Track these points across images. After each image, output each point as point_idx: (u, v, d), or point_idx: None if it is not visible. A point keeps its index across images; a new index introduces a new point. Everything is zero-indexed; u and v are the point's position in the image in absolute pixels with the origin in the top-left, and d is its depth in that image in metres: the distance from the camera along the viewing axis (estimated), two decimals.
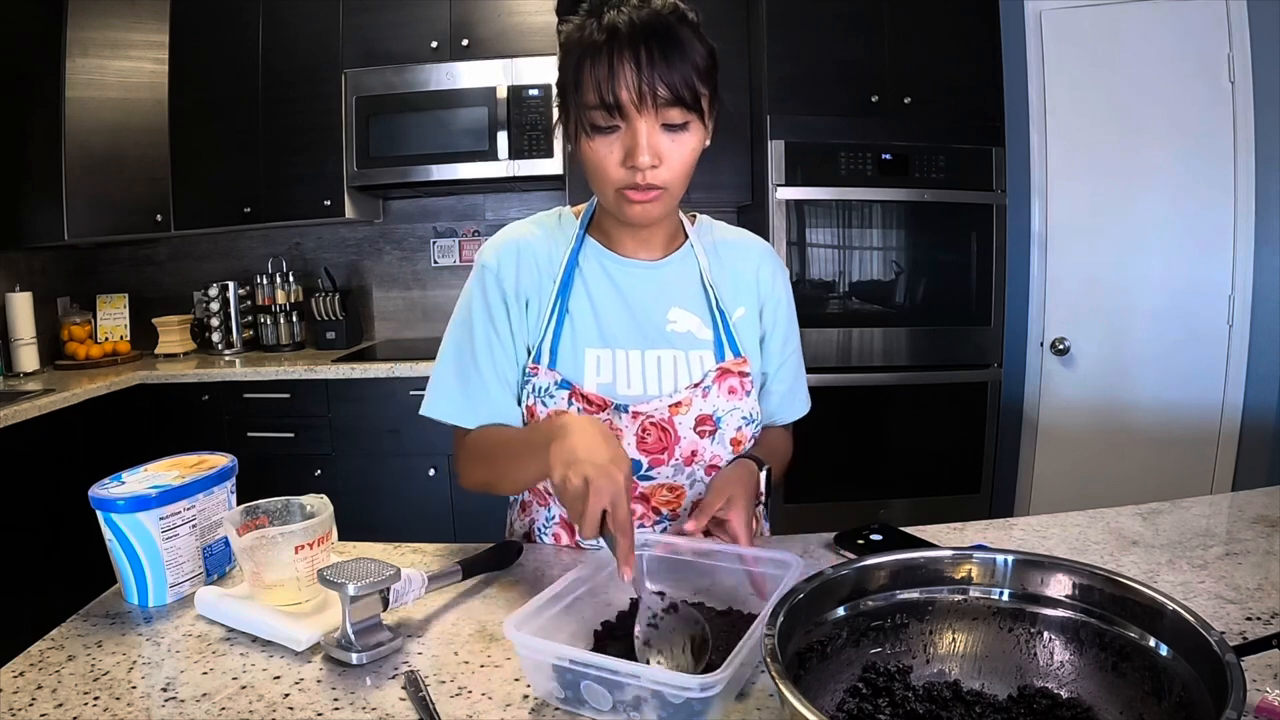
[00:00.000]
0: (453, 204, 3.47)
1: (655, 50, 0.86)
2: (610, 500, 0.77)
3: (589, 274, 1.06)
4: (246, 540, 0.86)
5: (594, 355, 1.03)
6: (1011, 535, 1.07)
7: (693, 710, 0.63)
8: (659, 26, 0.87)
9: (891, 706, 0.61)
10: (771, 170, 2.71)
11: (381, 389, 2.83)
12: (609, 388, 1.02)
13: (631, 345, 1.04)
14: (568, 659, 0.66)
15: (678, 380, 1.04)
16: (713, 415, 1.03)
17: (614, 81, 0.87)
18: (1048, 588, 0.65)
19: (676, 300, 1.07)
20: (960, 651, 0.66)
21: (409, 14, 2.97)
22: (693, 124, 0.92)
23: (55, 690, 0.75)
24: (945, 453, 2.90)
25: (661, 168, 0.91)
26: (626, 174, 0.92)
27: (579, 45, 0.89)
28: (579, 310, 1.04)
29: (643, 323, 1.05)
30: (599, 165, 0.93)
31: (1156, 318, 2.87)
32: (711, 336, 1.06)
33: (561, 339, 1.03)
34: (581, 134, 0.92)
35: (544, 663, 0.68)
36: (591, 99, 0.88)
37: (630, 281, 1.06)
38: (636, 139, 0.89)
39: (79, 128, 2.92)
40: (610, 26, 0.87)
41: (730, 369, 1.05)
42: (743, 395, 1.05)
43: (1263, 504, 1.14)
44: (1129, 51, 2.81)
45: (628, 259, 1.06)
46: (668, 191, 0.94)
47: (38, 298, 3.01)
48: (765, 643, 0.53)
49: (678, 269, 1.08)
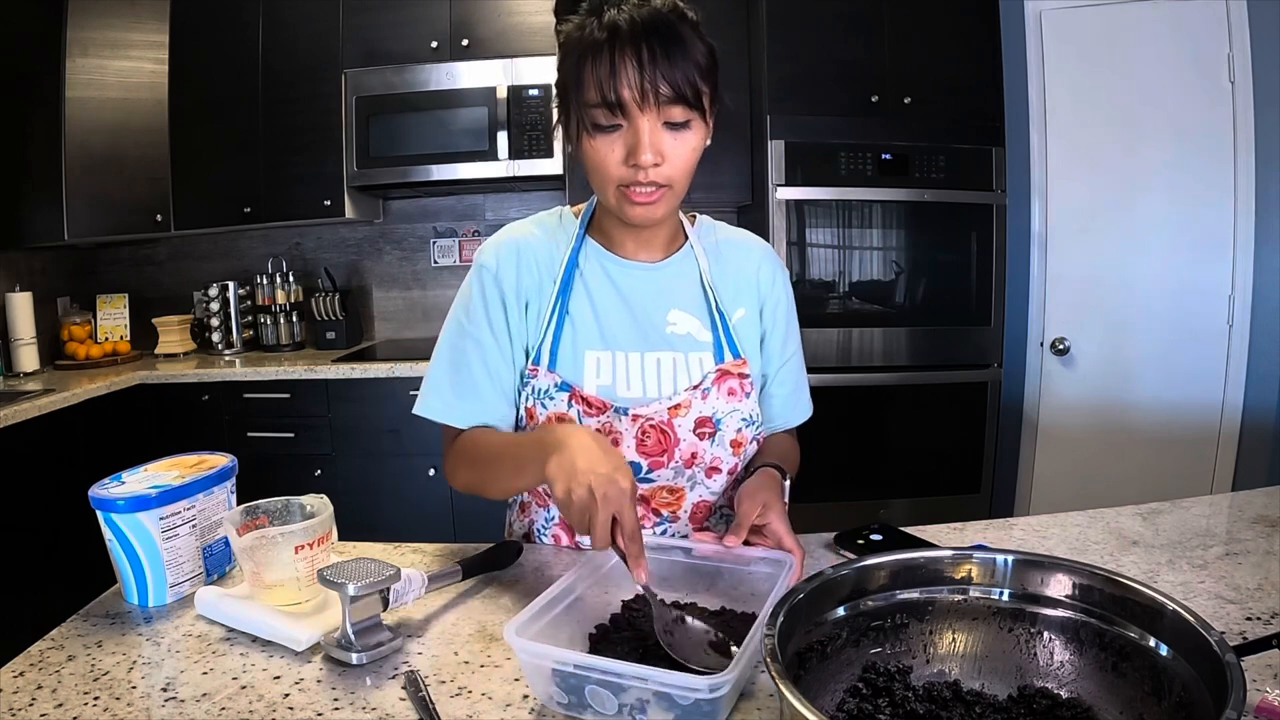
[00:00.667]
0: (453, 204, 3.47)
1: (657, 48, 0.86)
2: (617, 508, 0.77)
3: (589, 275, 1.05)
4: (246, 540, 0.86)
5: (594, 357, 1.03)
6: (1011, 535, 1.07)
7: (702, 711, 0.63)
8: (660, 24, 0.87)
9: (892, 707, 0.61)
10: (771, 170, 2.71)
11: (381, 389, 2.83)
12: (609, 390, 1.02)
13: (631, 347, 1.04)
14: (571, 663, 0.66)
15: (677, 382, 1.03)
16: (712, 417, 1.03)
17: (616, 79, 0.87)
18: (1048, 588, 0.65)
19: (676, 302, 1.06)
20: (960, 652, 0.66)
21: (409, 14, 2.97)
22: (694, 122, 0.92)
23: (55, 690, 0.75)
24: (945, 453, 2.90)
25: (664, 166, 0.91)
26: (628, 172, 0.91)
27: (580, 44, 0.89)
28: (579, 312, 1.04)
29: (643, 325, 1.04)
30: (600, 164, 0.92)
31: (1156, 318, 2.87)
32: (711, 338, 1.06)
33: (561, 341, 1.03)
34: (583, 133, 0.92)
35: (546, 668, 0.68)
36: (593, 97, 0.88)
37: (630, 283, 1.05)
38: (639, 137, 0.89)
39: (79, 128, 2.92)
40: (611, 25, 0.87)
41: (730, 370, 1.05)
42: (742, 397, 1.05)
43: (1263, 504, 1.14)
44: (1129, 51, 2.81)
45: (628, 260, 1.06)
46: (670, 190, 0.94)
47: (38, 298, 3.01)
48: (765, 643, 0.53)
49: (678, 270, 1.08)
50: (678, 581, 0.88)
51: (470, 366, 1.03)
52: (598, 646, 0.77)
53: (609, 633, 0.79)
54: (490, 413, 1.03)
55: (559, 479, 0.79)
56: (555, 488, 0.79)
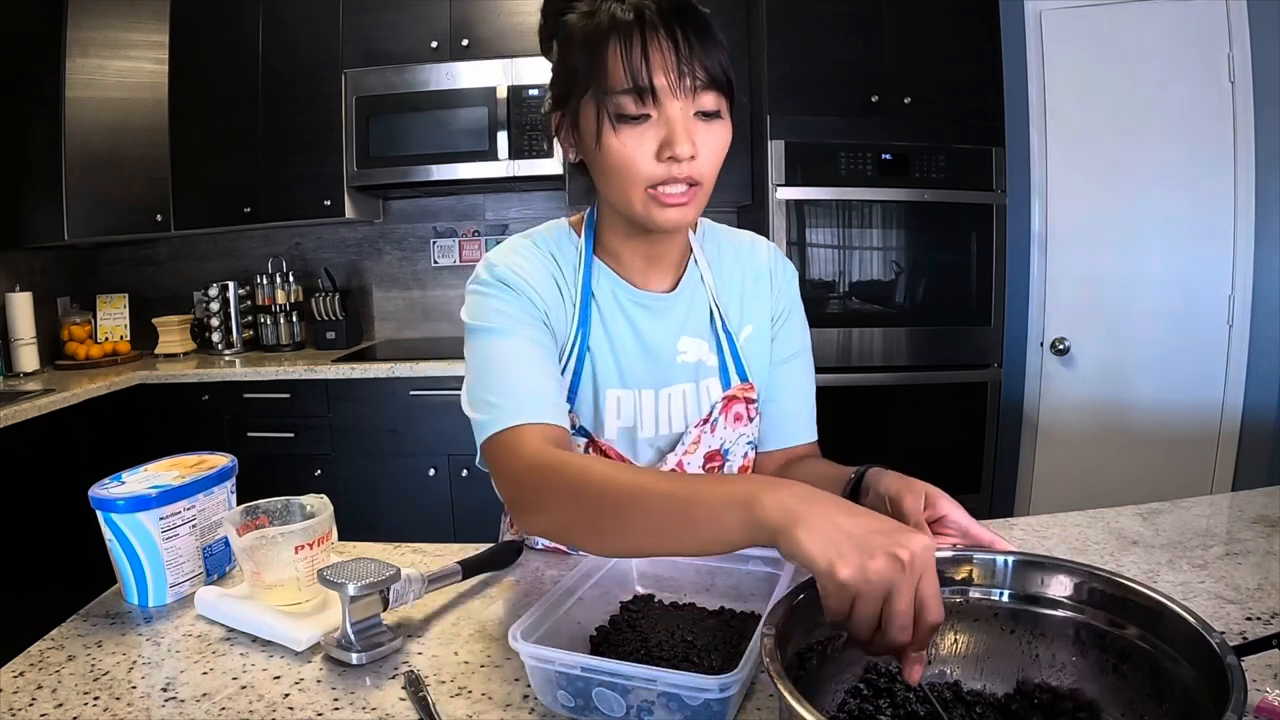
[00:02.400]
0: (453, 204, 3.47)
1: (690, 30, 0.80)
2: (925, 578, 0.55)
3: (605, 308, 0.97)
4: (246, 540, 0.86)
5: (615, 396, 0.97)
6: (1011, 535, 1.07)
7: (711, 711, 0.63)
8: (688, 7, 0.82)
9: (893, 708, 0.61)
10: (771, 170, 2.71)
11: (381, 389, 2.83)
12: (629, 433, 0.97)
13: (646, 384, 0.98)
14: (579, 666, 0.65)
15: (688, 417, 0.99)
16: (721, 449, 1.00)
17: (649, 62, 0.79)
18: (1049, 589, 0.65)
19: (686, 329, 1.00)
20: (961, 652, 0.66)
21: (409, 14, 2.97)
22: (724, 113, 0.85)
23: (55, 690, 0.75)
24: (945, 453, 2.90)
25: (698, 160, 0.83)
26: (661, 169, 0.82)
27: (598, 30, 0.81)
28: (598, 348, 0.96)
29: (656, 359, 0.99)
30: (628, 162, 0.82)
31: (1156, 318, 2.87)
32: (717, 362, 1.01)
33: (582, 378, 0.96)
34: (605, 127, 0.82)
35: (552, 671, 0.67)
36: (622, 82, 0.79)
37: (644, 316, 0.98)
38: (673, 126, 0.80)
39: (79, 128, 2.92)
40: (637, 6, 0.80)
41: (737, 395, 1.01)
42: (747, 421, 1.01)
43: (1263, 504, 1.14)
44: (1129, 51, 2.81)
45: (641, 291, 0.98)
46: (701, 190, 0.86)
47: (38, 298, 3.01)
48: (765, 642, 0.53)
49: (689, 298, 1.00)
50: (677, 581, 0.88)
51: (530, 364, 0.87)
52: (600, 649, 0.76)
53: (610, 634, 0.79)
54: (564, 414, 0.87)
55: (831, 553, 0.55)
56: (839, 569, 0.54)
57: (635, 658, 0.72)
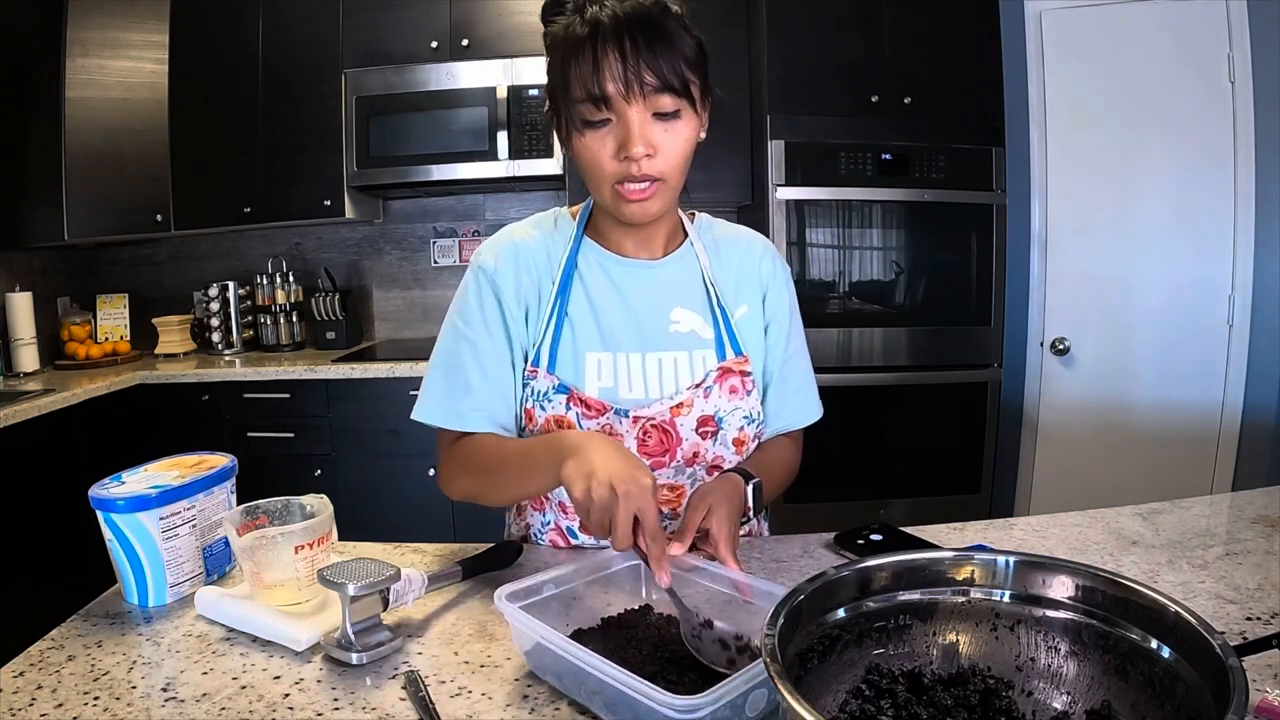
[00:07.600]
0: (453, 204, 3.47)
1: (640, 39, 0.86)
2: (640, 506, 0.75)
3: (588, 276, 1.04)
4: (246, 540, 0.86)
5: (595, 359, 1.02)
6: (1011, 535, 1.07)
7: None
8: (642, 17, 0.87)
9: (894, 709, 0.61)
10: (771, 170, 2.71)
11: (381, 389, 2.83)
12: (610, 391, 1.01)
13: (633, 348, 1.03)
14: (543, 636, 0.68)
15: (679, 382, 1.03)
16: (714, 416, 1.02)
17: (599, 74, 0.86)
18: (1050, 589, 0.64)
19: (679, 300, 1.05)
20: (963, 653, 0.66)
21: (409, 14, 2.97)
22: (684, 112, 0.91)
23: (55, 690, 0.75)
24: (945, 452, 2.90)
25: (656, 158, 0.90)
26: (621, 167, 0.90)
27: (564, 43, 0.89)
28: (579, 313, 1.03)
29: (644, 324, 1.04)
30: (593, 161, 0.91)
31: (1156, 318, 2.87)
32: (713, 335, 1.05)
33: (561, 342, 1.02)
34: (573, 131, 0.91)
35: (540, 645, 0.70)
36: (579, 93, 0.88)
37: (631, 282, 1.05)
38: (628, 129, 0.88)
39: (79, 128, 2.92)
40: (593, 20, 0.87)
41: (731, 368, 1.04)
42: (744, 395, 1.04)
43: (1263, 504, 1.14)
44: (1129, 51, 2.81)
45: (628, 259, 1.05)
46: (665, 184, 0.93)
47: (38, 298, 3.01)
48: (765, 643, 0.53)
49: (678, 267, 1.07)
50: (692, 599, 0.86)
51: (466, 369, 1.01)
52: (582, 638, 0.76)
53: (597, 631, 0.78)
54: (488, 416, 1.01)
55: (577, 480, 0.78)
56: (574, 489, 0.78)
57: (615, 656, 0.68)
